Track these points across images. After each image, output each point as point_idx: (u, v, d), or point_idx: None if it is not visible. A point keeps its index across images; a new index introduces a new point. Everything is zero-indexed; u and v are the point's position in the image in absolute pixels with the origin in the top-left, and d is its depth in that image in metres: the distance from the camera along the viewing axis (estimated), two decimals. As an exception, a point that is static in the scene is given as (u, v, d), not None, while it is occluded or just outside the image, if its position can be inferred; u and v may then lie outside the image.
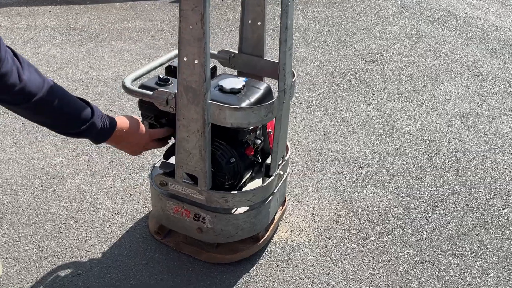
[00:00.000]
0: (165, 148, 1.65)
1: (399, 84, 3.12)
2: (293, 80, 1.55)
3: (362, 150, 2.39)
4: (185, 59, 1.33)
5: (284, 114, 1.55)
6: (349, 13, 4.45)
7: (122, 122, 1.39)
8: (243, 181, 1.61)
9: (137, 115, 1.53)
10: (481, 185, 2.18)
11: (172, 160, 1.62)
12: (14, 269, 1.63)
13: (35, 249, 1.72)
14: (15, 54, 1.10)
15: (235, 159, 1.53)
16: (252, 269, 1.68)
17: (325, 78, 3.14)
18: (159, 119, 1.56)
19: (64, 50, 3.37)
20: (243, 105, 1.45)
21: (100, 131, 1.31)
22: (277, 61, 1.68)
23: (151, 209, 1.89)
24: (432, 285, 1.65)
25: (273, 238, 1.81)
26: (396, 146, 2.44)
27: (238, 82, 1.53)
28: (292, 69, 1.54)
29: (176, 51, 1.71)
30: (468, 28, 4.17)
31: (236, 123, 1.41)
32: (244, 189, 1.64)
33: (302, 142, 2.44)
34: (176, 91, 1.41)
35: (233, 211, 1.60)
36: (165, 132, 1.56)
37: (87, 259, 1.69)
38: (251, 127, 1.54)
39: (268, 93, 1.57)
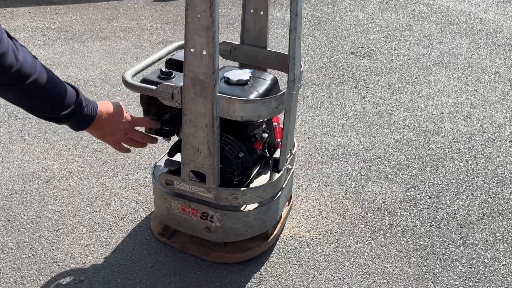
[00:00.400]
0: (168, 146, 1.58)
1: (391, 76, 3.10)
2: (300, 70, 1.50)
3: (362, 143, 2.36)
4: (192, 50, 1.26)
5: (293, 106, 1.50)
6: (335, 8, 4.44)
7: (103, 105, 1.30)
8: (251, 177, 1.56)
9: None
10: (483, 173, 2.17)
11: (177, 157, 1.55)
12: (11, 278, 1.54)
13: (32, 257, 1.62)
14: (8, 34, 1.05)
15: (244, 154, 1.47)
16: (262, 267, 1.62)
17: (317, 72, 3.11)
18: (162, 115, 1.49)
19: (47, 51, 3.25)
20: (252, 97, 1.40)
21: (84, 115, 1.22)
22: (282, 52, 1.64)
23: (152, 210, 1.82)
24: (447, 275, 1.62)
25: (282, 235, 1.76)
26: (396, 138, 2.42)
27: (244, 74, 1.47)
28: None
29: (176, 44, 1.65)
30: (453, 21, 4.20)
31: (246, 116, 1.35)
32: (252, 185, 1.58)
33: (301, 137, 2.39)
34: (181, 85, 1.34)
35: (242, 208, 1.54)
36: (150, 122, 1.47)
37: (89, 264, 1.60)
38: (261, 120, 1.49)
39: (275, 84, 1.52)
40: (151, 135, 1.51)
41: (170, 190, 1.56)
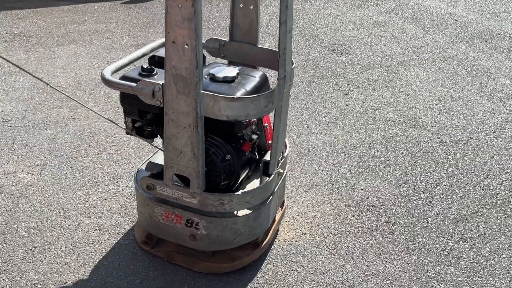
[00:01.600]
0: (150, 149, 1.46)
1: (371, 72, 3.07)
2: (292, 67, 1.42)
3: (349, 140, 2.30)
4: (173, 43, 1.16)
5: (284, 105, 1.41)
6: (307, 6, 4.40)
7: None
8: (239, 180, 1.46)
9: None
10: (472, 165, 2.14)
11: (160, 160, 1.44)
12: (-17, 306, 1.39)
13: (7, 280, 1.47)
14: None
15: (231, 156, 1.37)
16: (259, 276, 1.53)
17: (297, 71, 3.04)
18: (144, 115, 1.38)
19: (11, 57, 3.06)
20: (239, 94, 1.30)
21: None
22: (274, 49, 1.55)
23: (137, 219, 1.69)
24: (449, 272, 1.57)
25: (277, 240, 1.67)
26: (382, 134, 2.37)
27: (231, 70, 1.38)
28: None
29: (160, 40, 1.55)
30: (424, 16, 4.23)
31: (232, 115, 1.25)
32: (241, 190, 1.48)
33: (286, 136, 2.31)
34: (163, 82, 1.24)
35: (230, 214, 1.43)
36: None
37: (71, 284, 1.47)
38: (248, 120, 1.39)
39: (264, 81, 1.44)
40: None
41: (152, 196, 1.45)
